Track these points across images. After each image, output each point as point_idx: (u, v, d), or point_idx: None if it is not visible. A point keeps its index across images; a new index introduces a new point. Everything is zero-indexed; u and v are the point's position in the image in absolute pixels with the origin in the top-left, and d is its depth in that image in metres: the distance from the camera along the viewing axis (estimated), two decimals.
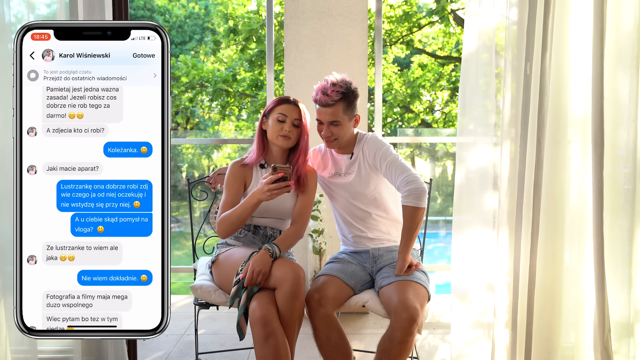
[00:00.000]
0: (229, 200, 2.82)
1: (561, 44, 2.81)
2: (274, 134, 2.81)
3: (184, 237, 14.58)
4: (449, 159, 14.98)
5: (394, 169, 2.76)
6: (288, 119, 2.79)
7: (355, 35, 4.16)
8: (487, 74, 3.02)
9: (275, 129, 2.80)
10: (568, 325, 2.95)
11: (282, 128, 2.79)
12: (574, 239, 2.93)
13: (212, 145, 15.19)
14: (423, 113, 13.60)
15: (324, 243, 3.92)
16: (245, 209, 2.68)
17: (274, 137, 2.81)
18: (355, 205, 2.90)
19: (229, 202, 2.81)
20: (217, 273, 2.80)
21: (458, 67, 13.25)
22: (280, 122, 2.79)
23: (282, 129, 2.79)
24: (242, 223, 2.72)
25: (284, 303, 2.53)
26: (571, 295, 2.94)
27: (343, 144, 2.88)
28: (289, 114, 2.80)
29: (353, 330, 3.90)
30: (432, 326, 4.01)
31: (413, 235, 2.73)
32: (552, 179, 2.86)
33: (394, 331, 2.50)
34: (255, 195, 2.64)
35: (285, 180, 2.58)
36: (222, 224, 2.74)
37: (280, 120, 2.79)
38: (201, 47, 13.61)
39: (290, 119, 2.80)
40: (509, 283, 3.00)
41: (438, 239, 12.97)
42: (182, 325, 4.04)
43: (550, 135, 2.84)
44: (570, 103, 2.87)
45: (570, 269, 2.93)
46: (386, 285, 2.70)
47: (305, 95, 4.04)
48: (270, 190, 2.58)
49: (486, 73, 3.02)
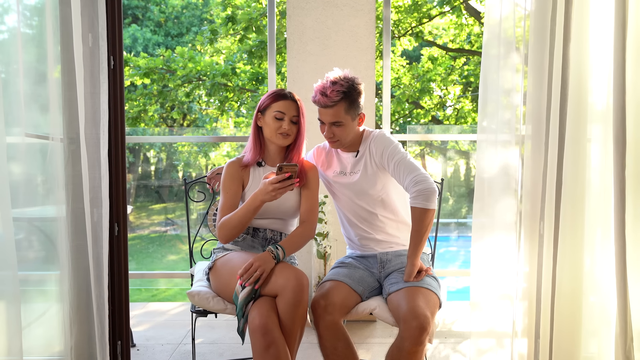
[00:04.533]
0: (227, 202, 2.82)
1: (581, 35, 2.81)
2: (271, 132, 2.82)
3: (180, 240, 14.58)
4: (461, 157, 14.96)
5: (402, 168, 2.75)
6: (286, 117, 2.80)
7: (361, 27, 4.16)
8: (505, 68, 3.02)
9: (272, 127, 2.81)
10: (588, 334, 2.95)
11: (281, 126, 2.79)
12: (595, 243, 2.93)
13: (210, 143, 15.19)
14: (434, 109, 13.58)
15: (329, 247, 3.92)
16: (247, 212, 2.69)
17: (272, 135, 2.82)
18: (360, 205, 2.90)
19: (228, 205, 2.81)
20: (215, 279, 2.81)
21: (471, 61, 13.23)
22: (278, 120, 2.80)
23: (280, 127, 2.79)
24: (245, 227, 2.74)
25: (285, 311, 2.52)
26: (591, 302, 2.93)
27: (347, 144, 2.87)
28: (287, 111, 2.80)
29: (360, 339, 3.90)
30: (444, 335, 4.01)
31: (422, 238, 2.73)
32: (572, 180, 2.86)
33: (403, 340, 2.50)
34: (257, 197, 2.64)
35: (291, 178, 2.59)
36: (223, 228, 2.74)
37: (278, 118, 2.80)
38: (197, 37, 13.58)
39: (288, 117, 2.80)
40: (526, 289, 3.00)
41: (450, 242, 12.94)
42: (179, 334, 4.04)
43: (570, 133, 2.83)
44: (590, 99, 2.86)
45: (590, 275, 2.93)
46: (395, 291, 2.70)
47: (309, 91, 4.05)
48: (275, 190, 2.58)
49: (504, 67, 3.02)
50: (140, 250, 14.11)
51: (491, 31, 3.05)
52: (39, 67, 2.75)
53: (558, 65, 2.84)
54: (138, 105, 13.21)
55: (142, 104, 13.27)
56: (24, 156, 2.64)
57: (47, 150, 2.75)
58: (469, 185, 14.12)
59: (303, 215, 2.86)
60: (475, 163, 3.14)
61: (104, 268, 2.97)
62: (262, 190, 2.62)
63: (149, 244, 14.80)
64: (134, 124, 13.29)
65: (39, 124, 2.78)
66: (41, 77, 2.75)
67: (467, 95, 13.60)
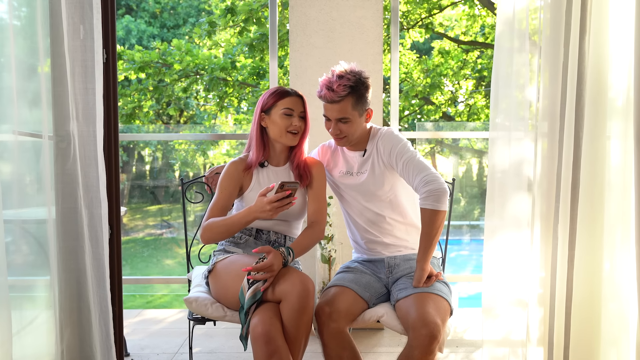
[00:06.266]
0: (219, 202, 2.83)
1: (599, 27, 2.81)
2: (280, 130, 2.82)
3: (177, 243, 14.61)
4: (473, 156, 14.96)
5: (412, 167, 2.75)
6: (295, 113, 2.81)
7: (368, 18, 4.16)
8: (519, 62, 3.02)
9: (282, 125, 2.81)
10: (607, 343, 2.95)
11: (291, 123, 2.80)
12: (614, 245, 2.93)
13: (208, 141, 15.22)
14: (445, 105, 13.58)
15: (334, 251, 3.93)
16: (238, 224, 2.70)
17: (281, 134, 2.82)
18: (367, 207, 2.90)
19: (219, 205, 2.83)
20: (215, 284, 2.81)
21: (484, 54, 13.23)
22: (287, 116, 2.80)
23: (290, 124, 2.80)
24: (230, 236, 2.76)
25: (290, 318, 2.52)
26: (611, 309, 2.93)
27: (354, 141, 2.88)
28: (295, 107, 2.82)
29: (366, 348, 3.90)
30: (455, 344, 4.01)
31: (432, 241, 2.73)
32: (590, 179, 2.86)
33: (412, 349, 2.50)
34: (252, 213, 2.64)
35: (290, 196, 2.59)
36: (208, 230, 2.75)
37: (287, 115, 2.80)
38: (195, 29, 13.59)
39: (297, 113, 2.82)
40: (542, 295, 3.00)
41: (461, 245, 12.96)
42: (175, 343, 4.05)
43: (588, 129, 2.83)
44: (609, 94, 2.86)
45: (610, 280, 2.93)
46: (403, 297, 2.70)
47: (313, 86, 4.05)
48: (273, 208, 2.58)
49: (518, 61, 3.02)
50: (134, 254, 14.15)
51: (504, 22, 3.05)
52: (28, 60, 2.76)
53: (575, 59, 2.84)
54: (132, 101, 13.22)
55: (136, 99, 13.28)
56: (13, 155, 2.64)
57: (36, 148, 2.76)
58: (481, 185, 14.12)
59: (312, 216, 2.86)
60: (488, 162, 3.14)
61: (105, 270, 2.98)
62: (259, 207, 2.61)
63: (143, 247, 14.83)
64: (128, 121, 13.31)
65: (27, 120, 2.79)
66: (30, 72, 2.76)
67: (480, 90, 13.60)
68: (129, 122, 13.37)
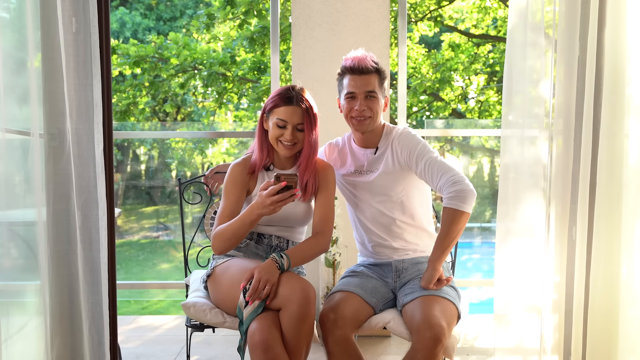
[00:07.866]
0: (227, 209, 2.80)
1: (617, 19, 2.81)
2: (272, 139, 2.80)
3: (174, 247, 14.62)
4: (485, 154, 14.96)
5: (435, 168, 2.76)
6: (289, 125, 2.75)
7: (374, 10, 4.16)
8: (533, 56, 3.02)
9: (274, 134, 2.78)
10: (626, 351, 2.94)
11: (282, 134, 2.76)
12: (633, 249, 2.92)
13: (207, 139, 15.22)
14: (455, 101, 13.56)
15: (339, 254, 3.93)
16: (243, 225, 2.67)
17: (274, 142, 2.80)
18: (377, 208, 2.90)
19: (227, 212, 2.79)
20: (214, 289, 2.81)
21: (496, 48, 13.21)
22: (280, 127, 2.76)
23: (282, 134, 2.76)
24: (240, 239, 2.71)
25: (290, 326, 2.52)
26: (629, 315, 2.93)
27: (374, 126, 2.88)
28: (289, 119, 2.75)
29: (372, 356, 3.90)
30: (466, 352, 4.01)
31: (451, 243, 2.73)
32: (607, 179, 2.86)
33: (415, 352, 2.50)
34: (254, 211, 2.62)
35: (290, 188, 2.56)
36: (217, 239, 2.74)
37: (279, 126, 2.76)
38: (192, 22, 13.58)
39: (291, 125, 2.75)
40: (557, 301, 3.00)
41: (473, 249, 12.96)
42: (172, 351, 4.05)
43: (605, 127, 2.83)
44: (628, 90, 2.86)
45: (628, 285, 2.93)
46: (409, 301, 2.70)
47: (316, 81, 4.05)
48: (273, 203, 2.55)
49: (532, 55, 3.02)
50: (129, 257, 14.16)
51: (517, 15, 3.05)
52: (17, 54, 2.75)
53: (592, 53, 2.84)
54: (127, 98, 13.22)
55: (131, 95, 13.28)
56: (2, 154, 2.64)
57: (25, 146, 2.75)
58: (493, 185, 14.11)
59: (316, 226, 2.82)
60: (500, 161, 3.13)
61: (101, 274, 2.98)
62: (260, 203, 2.58)
63: (139, 250, 14.85)
64: (123, 118, 13.31)
65: (16, 117, 2.78)
66: (19, 66, 2.76)
67: (492, 86, 13.58)
68: (123, 120, 13.37)
